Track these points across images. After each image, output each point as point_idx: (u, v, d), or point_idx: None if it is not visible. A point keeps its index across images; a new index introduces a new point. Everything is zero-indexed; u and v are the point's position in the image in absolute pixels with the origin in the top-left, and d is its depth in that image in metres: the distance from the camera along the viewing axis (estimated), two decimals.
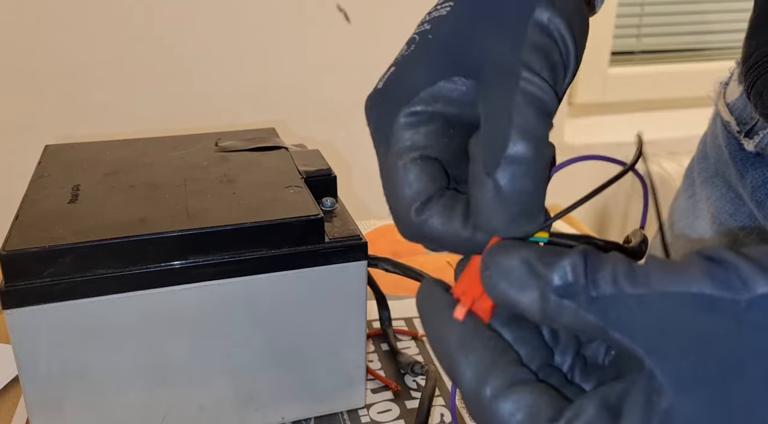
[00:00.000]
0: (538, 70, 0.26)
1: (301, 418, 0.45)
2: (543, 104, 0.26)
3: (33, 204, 0.42)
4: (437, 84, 0.28)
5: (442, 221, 0.27)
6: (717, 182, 0.57)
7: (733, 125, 0.53)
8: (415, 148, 0.28)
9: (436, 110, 0.28)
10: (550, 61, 0.27)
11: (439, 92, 0.28)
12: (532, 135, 0.25)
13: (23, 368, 0.39)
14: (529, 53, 0.26)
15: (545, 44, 0.27)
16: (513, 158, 0.25)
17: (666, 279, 0.20)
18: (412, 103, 0.28)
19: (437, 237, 0.27)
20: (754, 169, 0.52)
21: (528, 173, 0.25)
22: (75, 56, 1.21)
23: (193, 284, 0.39)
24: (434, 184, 0.27)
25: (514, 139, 0.25)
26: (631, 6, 1.60)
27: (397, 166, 0.27)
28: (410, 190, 0.27)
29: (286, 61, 1.31)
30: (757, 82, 0.47)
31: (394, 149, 0.28)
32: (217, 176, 0.46)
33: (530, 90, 0.26)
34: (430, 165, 0.27)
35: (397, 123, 0.28)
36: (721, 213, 0.57)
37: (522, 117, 0.25)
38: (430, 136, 0.28)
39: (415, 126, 0.28)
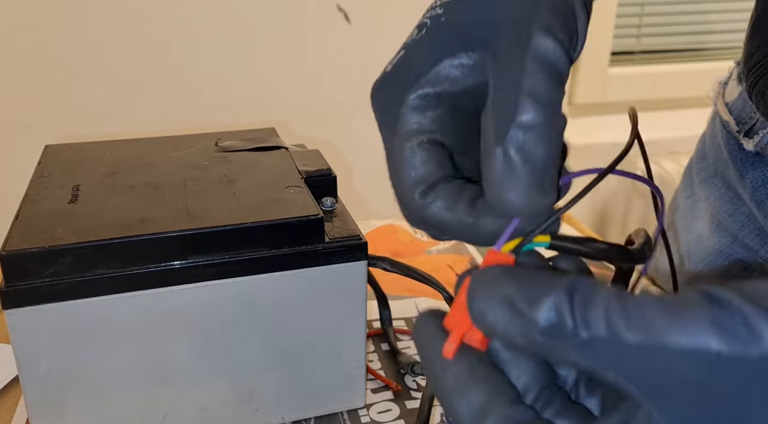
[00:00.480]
0: (556, 31, 0.25)
1: (301, 418, 0.45)
2: (555, 68, 0.25)
3: (33, 204, 0.42)
4: (442, 62, 0.27)
5: (446, 206, 0.26)
6: (716, 182, 0.57)
7: (733, 125, 0.53)
8: (422, 131, 0.27)
9: (443, 91, 0.27)
10: (567, 25, 0.26)
11: (444, 71, 0.27)
12: (544, 100, 0.24)
13: (23, 368, 0.39)
14: (548, 13, 0.25)
15: (563, 8, 0.26)
16: (522, 124, 0.24)
17: (666, 327, 0.19)
18: (419, 84, 0.27)
19: (440, 222, 0.27)
20: (754, 169, 0.52)
21: (540, 141, 0.24)
22: (75, 56, 1.21)
23: (193, 284, 0.39)
24: (441, 169, 0.27)
25: (523, 104, 0.24)
26: (631, 6, 1.60)
27: (404, 149, 0.27)
28: (416, 173, 0.27)
29: (286, 61, 1.31)
30: (758, 82, 0.47)
31: (401, 132, 0.27)
32: (217, 176, 0.46)
33: (542, 52, 0.24)
34: (438, 150, 0.27)
35: (405, 105, 0.27)
36: (720, 213, 0.56)
37: (533, 81, 0.24)
38: (437, 120, 0.27)
39: (423, 109, 0.27)
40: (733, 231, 0.55)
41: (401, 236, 0.71)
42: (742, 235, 0.54)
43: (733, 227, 0.55)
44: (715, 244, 0.57)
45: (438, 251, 0.68)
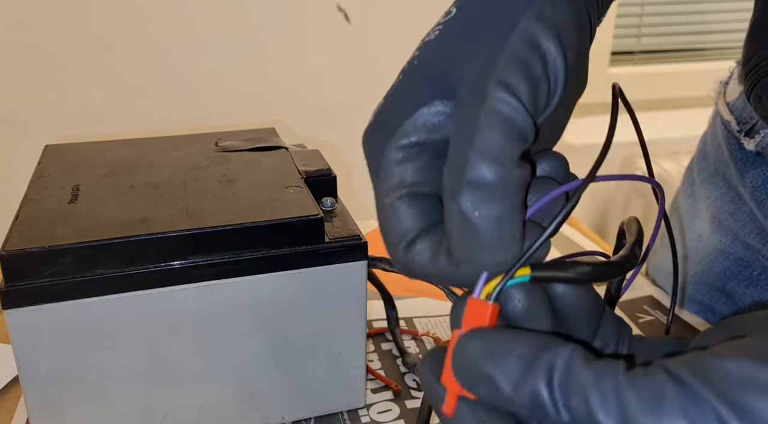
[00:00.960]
0: (514, 85, 0.24)
1: (301, 418, 0.45)
2: (511, 123, 0.24)
3: (33, 204, 0.42)
4: (419, 110, 0.27)
5: (428, 258, 0.26)
6: (717, 182, 0.57)
7: (733, 125, 0.53)
8: (402, 185, 0.27)
9: (421, 140, 0.27)
10: (529, 74, 0.25)
11: (420, 120, 0.27)
12: (496, 157, 0.24)
13: (23, 368, 0.39)
14: (505, 67, 0.25)
15: (526, 56, 0.25)
16: (473, 182, 0.24)
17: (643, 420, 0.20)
18: (398, 135, 0.27)
19: (426, 274, 0.27)
20: (754, 169, 0.52)
21: (492, 198, 0.23)
22: (75, 56, 1.21)
23: (193, 284, 0.39)
24: (421, 221, 0.26)
25: (473, 161, 0.24)
26: (631, 6, 1.60)
27: (385, 205, 0.27)
28: (398, 228, 0.26)
29: (286, 61, 1.31)
30: (756, 85, 0.47)
31: (382, 187, 0.27)
32: (217, 176, 0.46)
33: (496, 107, 0.24)
34: (418, 202, 0.26)
35: (385, 159, 0.27)
36: (720, 212, 0.57)
37: (484, 138, 0.24)
38: (418, 170, 0.27)
39: (403, 161, 0.27)
40: (734, 230, 0.55)
41: None
42: (743, 234, 0.54)
43: (734, 227, 0.55)
44: (716, 243, 0.57)
45: None
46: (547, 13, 0.26)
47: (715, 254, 0.57)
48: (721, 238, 0.57)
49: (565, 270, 0.25)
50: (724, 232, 0.56)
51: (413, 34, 0.31)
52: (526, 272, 0.25)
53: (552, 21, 0.26)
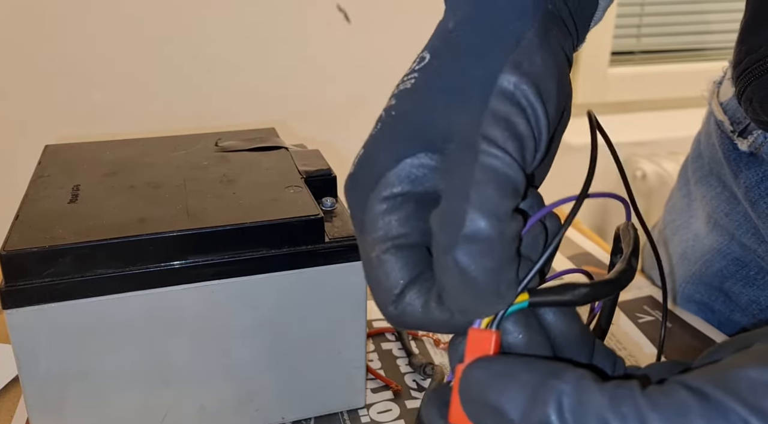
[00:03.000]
0: (501, 143, 0.24)
1: (301, 418, 0.45)
2: (505, 179, 0.24)
3: (33, 204, 0.42)
4: (403, 162, 0.26)
5: (419, 308, 0.26)
6: (711, 181, 0.57)
7: (727, 125, 0.53)
8: (387, 238, 0.26)
9: (404, 191, 0.26)
10: (514, 131, 0.25)
11: (404, 172, 0.26)
12: (492, 212, 0.24)
13: (23, 368, 0.39)
14: (490, 125, 0.25)
15: (509, 113, 0.25)
16: (470, 237, 0.23)
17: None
18: (380, 187, 0.26)
19: (419, 324, 0.26)
20: (748, 169, 0.52)
21: (489, 252, 0.23)
22: (75, 56, 1.21)
23: (193, 284, 0.39)
24: (409, 272, 0.26)
25: (471, 216, 0.23)
26: (631, 6, 1.60)
27: (371, 259, 0.26)
28: (386, 282, 0.26)
29: (286, 61, 1.31)
30: (747, 88, 0.47)
31: (367, 240, 0.26)
32: (217, 176, 0.46)
33: (490, 164, 0.24)
34: (405, 253, 0.26)
35: (368, 211, 0.26)
36: (716, 212, 0.57)
37: (480, 193, 0.24)
38: (403, 221, 0.26)
39: (387, 213, 0.26)
40: (729, 230, 0.55)
41: None
42: (738, 234, 0.55)
43: (729, 226, 0.55)
44: (712, 243, 0.57)
45: None
46: (524, 64, 0.26)
47: (711, 253, 0.57)
48: (717, 237, 0.57)
49: (563, 293, 0.25)
50: (720, 232, 0.56)
51: (413, 34, 0.31)
52: (524, 298, 0.25)
53: (530, 75, 0.26)
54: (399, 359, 0.52)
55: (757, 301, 0.55)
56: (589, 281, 0.25)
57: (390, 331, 0.55)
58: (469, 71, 0.26)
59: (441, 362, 0.51)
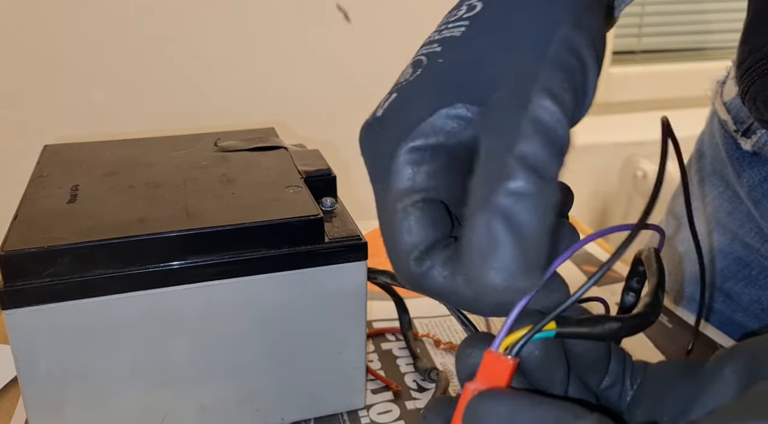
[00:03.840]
0: (558, 92, 0.23)
1: (301, 418, 0.45)
2: (555, 134, 0.22)
3: (32, 204, 0.42)
4: (438, 112, 0.24)
5: (444, 275, 0.24)
6: (714, 181, 0.57)
7: (730, 124, 0.53)
8: (416, 189, 0.24)
9: (438, 143, 0.25)
10: (572, 83, 0.23)
11: (440, 122, 0.24)
12: (538, 168, 0.21)
13: (22, 368, 0.39)
14: (551, 71, 0.23)
15: (570, 64, 0.23)
16: (512, 192, 0.21)
17: None
18: (413, 136, 0.24)
19: (438, 292, 0.24)
20: (751, 168, 0.51)
21: (530, 212, 0.21)
22: (75, 56, 1.21)
23: (193, 284, 0.39)
24: (437, 231, 0.24)
25: (515, 170, 0.21)
26: (632, 5, 1.60)
27: (396, 210, 0.24)
28: (410, 237, 0.24)
29: (286, 61, 1.31)
30: (750, 87, 0.47)
31: (393, 190, 0.25)
32: (216, 176, 0.46)
33: (540, 117, 0.22)
34: (433, 209, 0.24)
35: (396, 160, 0.25)
36: (718, 211, 0.57)
37: (528, 146, 0.22)
38: (433, 175, 0.25)
39: (417, 163, 0.24)
40: (732, 229, 0.55)
41: None
42: (741, 233, 0.54)
43: (732, 226, 0.55)
44: (714, 242, 0.57)
45: None
46: (585, 22, 0.25)
47: (713, 253, 0.57)
48: (719, 237, 0.57)
49: (592, 327, 0.23)
50: (722, 231, 0.56)
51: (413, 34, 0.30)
52: (551, 327, 0.23)
53: (589, 31, 0.25)
54: (399, 359, 0.52)
55: (758, 300, 0.54)
56: (617, 315, 0.24)
57: (390, 331, 0.55)
58: (528, 22, 0.25)
59: (442, 362, 0.51)
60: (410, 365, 0.51)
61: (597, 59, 0.25)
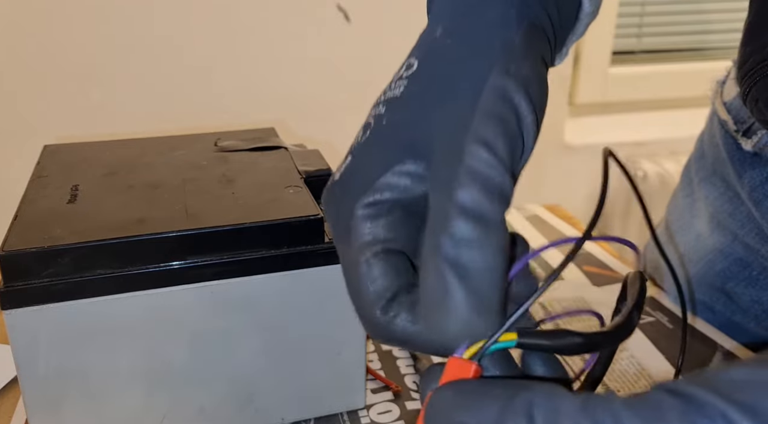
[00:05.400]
0: (491, 141, 0.24)
1: (301, 418, 0.45)
2: (491, 183, 0.23)
3: (32, 204, 0.42)
4: (392, 169, 0.26)
5: (410, 319, 0.24)
6: (715, 181, 0.57)
7: (731, 124, 0.53)
8: (376, 241, 0.25)
9: (393, 198, 0.26)
10: (507, 130, 0.24)
11: (393, 179, 0.26)
12: (477, 215, 0.23)
13: (22, 368, 0.39)
14: (481, 122, 0.24)
15: (501, 112, 0.24)
16: (456, 240, 0.22)
17: None
18: (369, 193, 0.26)
19: (406, 338, 0.25)
20: (752, 169, 0.52)
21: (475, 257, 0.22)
22: (75, 56, 1.21)
23: (193, 285, 0.39)
24: (400, 279, 0.25)
25: (455, 218, 0.23)
26: (632, 5, 1.60)
27: (359, 262, 0.25)
28: (374, 286, 0.25)
29: (286, 61, 1.31)
30: (752, 89, 0.47)
31: (355, 244, 0.26)
32: (216, 176, 0.46)
33: (475, 167, 0.23)
34: (395, 258, 0.25)
35: (356, 216, 0.26)
36: (719, 212, 0.57)
37: (465, 195, 0.23)
38: (391, 227, 0.26)
39: (375, 217, 0.26)
40: (733, 230, 0.55)
41: None
42: (742, 234, 0.55)
43: (733, 226, 0.55)
44: (715, 243, 0.57)
45: None
46: (512, 68, 0.25)
47: (714, 253, 0.57)
48: (720, 238, 0.57)
49: (554, 339, 0.23)
50: (723, 232, 0.56)
51: (413, 34, 0.30)
52: (512, 337, 0.23)
53: (519, 77, 0.25)
54: (399, 359, 0.52)
55: (759, 301, 0.55)
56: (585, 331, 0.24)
57: None
58: (459, 76, 0.26)
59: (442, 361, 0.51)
60: (410, 365, 0.51)
61: (532, 103, 0.25)
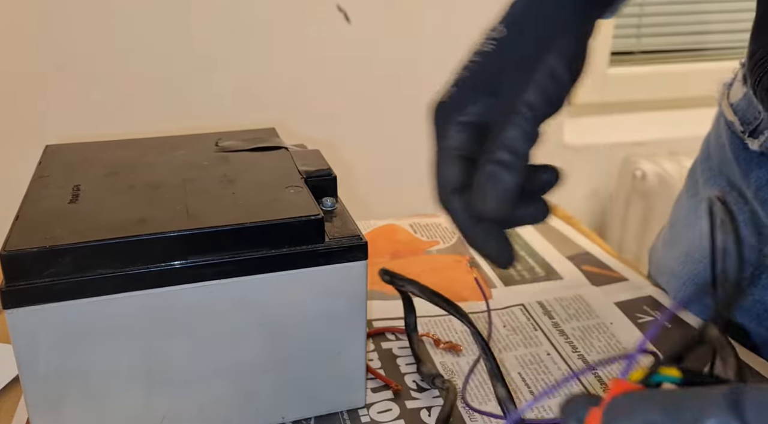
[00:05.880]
0: (537, 106, 0.36)
1: (301, 418, 0.45)
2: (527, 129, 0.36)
3: (33, 204, 0.42)
4: (477, 102, 0.38)
5: (461, 207, 0.38)
6: (720, 182, 0.58)
7: (737, 125, 0.54)
8: (457, 147, 0.38)
9: (474, 120, 0.38)
10: (548, 97, 0.36)
11: (476, 108, 0.38)
12: (512, 148, 0.36)
13: (23, 367, 0.39)
14: (533, 93, 0.36)
15: (546, 84, 0.36)
16: (497, 160, 0.36)
17: None
18: (461, 114, 0.39)
19: (454, 216, 0.38)
20: (759, 169, 0.52)
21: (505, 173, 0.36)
22: (75, 56, 1.21)
23: (193, 284, 0.40)
24: (461, 177, 0.38)
25: (500, 149, 0.36)
26: (631, 6, 1.60)
27: (443, 157, 0.38)
28: (446, 178, 0.38)
29: (286, 61, 1.31)
30: (763, 78, 0.48)
31: (443, 145, 0.39)
32: (217, 176, 0.46)
33: (518, 120, 0.36)
34: (465, 162, 0.38)
35: (450, 128, 0.39)
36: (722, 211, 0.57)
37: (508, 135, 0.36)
38: (468, 140, 0.38)
39: (460, 132, 0.38)
40: None
41: (401, 236, 0.71)
42: (743, 233, 0.55)
43: None
44: (717, 242, 0.57)
45: (438, 251, 0.68)
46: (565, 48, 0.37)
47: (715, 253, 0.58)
48: (721, 237, 0.57)
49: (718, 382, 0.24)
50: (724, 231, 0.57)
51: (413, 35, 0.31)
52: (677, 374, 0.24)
53: (568, 56, 0.37)
54: (399, 358, 0.52)
55: (761, 301, 0.55)
56: None
57: (390, 330, 0.55)
58: (529, 49, 0.37)
59: (441, 361, 0.52)
60: (410, 365, 0.51)
61: (571, 74, 0.37)
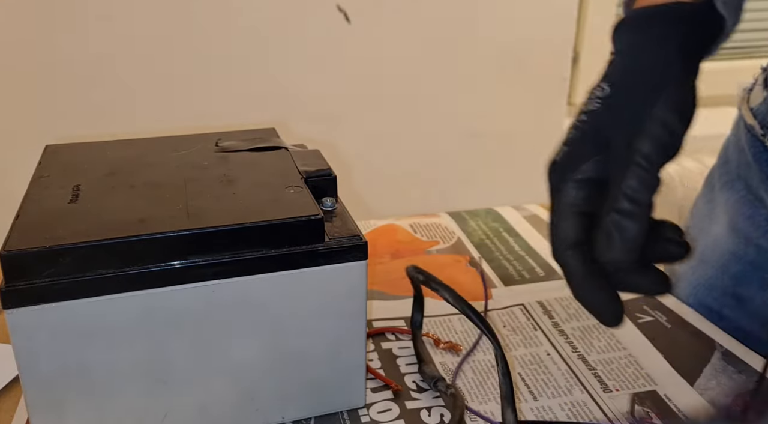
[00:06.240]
0: (654, 157, 0.37)
1: (301, 418, 0.46)
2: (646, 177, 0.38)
3: (33, 204, 0.42)
4: (590, 159, 0.40)
5: (577, 260, 0.39)
6: (737, 186, 0.59)
7: (757, 129, 0.55)
8: (574, 204, 0.40)
9: (588, 177, 0.40)
10: (663, 146, 0.38)
11: (590, 165, 0.40)
12: (633, 197, 0.37)
13: (23, 368, 0.39)
14: (644, 140, 0.38)
15: (658, 133, 0.38)
16: (619, 209, 0.37)
17: None
18: (576, 172, 0.40)
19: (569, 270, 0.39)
20: None
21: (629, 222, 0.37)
22: (75, 56, 1.21)
23: (193, 284, 0.40)
24: (581, 234, 0.39)
25: (621, 198, 0.38)
26: None
27: (561, 214, 0.40)
28: (564, 233, 0.39)
29: (286, 62, 1.31)
30: None
31: (562, 202, 0.40)
32: (217, 176, 0.46)
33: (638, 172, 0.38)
34: (582, 218, 0.39)
35: (567, 185, 0.40)
36: (737, 215, 0.58)
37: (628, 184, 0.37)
38: (584, 197, 0.40)
39: (577, 189, 0.40)
40: (747, 233, 0.57)
41: (401, 236, 0.71)
42: (756, 236, 0.56)
43: (748, 230, 0.57)
44: (730, 246, 0.59)
45: (438, 251, 0.68)
46: (673, 97, 0.38)
47: (728, 256, 0.59)
48: (735, 241, 0.58)
49: None
50: (738, 235, 0.58)
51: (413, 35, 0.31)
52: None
53: (677, 104, 0.38)
54: (399, 358, 0.52)
55: None
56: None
57: (390, 330, 0.55)
58: (635, 106, 0.39)
59: (441, 361, 0.52)
60: (410, 365, 0.51)
61: (682, 120, 0.38)
